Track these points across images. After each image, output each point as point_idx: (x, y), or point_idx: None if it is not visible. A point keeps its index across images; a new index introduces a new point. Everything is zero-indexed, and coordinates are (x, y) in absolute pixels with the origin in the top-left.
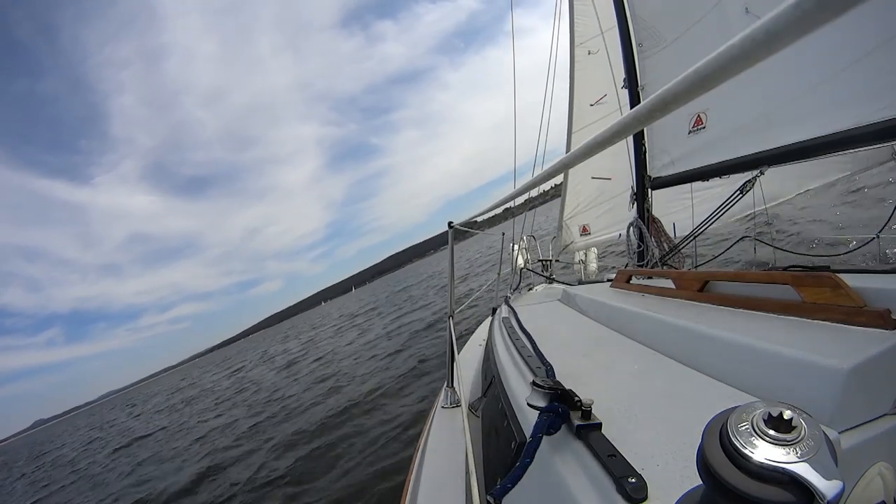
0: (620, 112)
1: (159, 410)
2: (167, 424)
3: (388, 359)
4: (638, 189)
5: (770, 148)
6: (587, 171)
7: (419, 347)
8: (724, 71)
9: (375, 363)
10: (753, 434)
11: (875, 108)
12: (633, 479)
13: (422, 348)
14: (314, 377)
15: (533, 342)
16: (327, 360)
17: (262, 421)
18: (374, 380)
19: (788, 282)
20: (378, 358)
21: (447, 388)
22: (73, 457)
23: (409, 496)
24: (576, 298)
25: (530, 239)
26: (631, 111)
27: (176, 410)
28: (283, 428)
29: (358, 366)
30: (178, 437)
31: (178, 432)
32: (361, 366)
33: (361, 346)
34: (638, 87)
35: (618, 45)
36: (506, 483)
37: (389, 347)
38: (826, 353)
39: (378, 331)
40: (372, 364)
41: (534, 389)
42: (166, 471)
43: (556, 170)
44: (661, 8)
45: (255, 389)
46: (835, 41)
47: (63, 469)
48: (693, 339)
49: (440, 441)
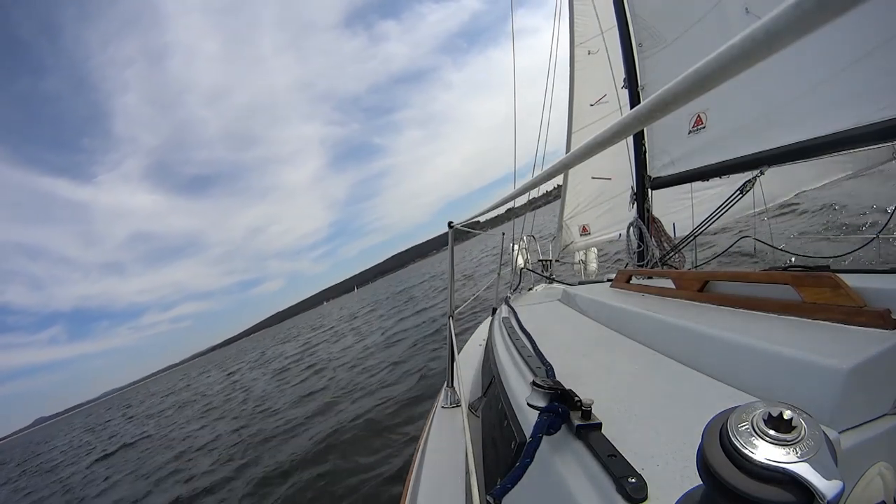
0: (620, 112)
1: (150, 415)
2: (153, 433)
3: (386, 372)
4: (638, 189)
5: (770, 148)
6: (587, 171)
7: (421, 360)
8: (724, 71)
9: (370, 378)
10: (753, 434)
11: (875, 108)
12: (633, 479)
13: (423, 360)
14: (303, 390)
15: (533, 342)
16: (321, 367)
17: (245, 440)
18: (365, 402)
19: (788, 282)
20: (373, 371)
21: (447, 388)
22: (59, 461)
23: (409, 496)
24: (576, 298)
25: (530, 239)
26: (631, 111)
27: (165, 416)
28: (264, 454)
29: (352, 378)
30: (160, 451)
31: (161, 445)
32: (355, 379)
33: (357, 356)
34: (638, 87)
35: (618, 45)
36: (506, 483)
37: (387, 357)
38: (826, 353)
39: (376, 337)
40: (367, 380)
41: (534, 389)
42: (138, 492)
43: (556, 170)
44: (661, 8)
45: (243, 399)
46: (835, 41)
47: (45, 477)
48: (693, 339)
49: (440, 441)
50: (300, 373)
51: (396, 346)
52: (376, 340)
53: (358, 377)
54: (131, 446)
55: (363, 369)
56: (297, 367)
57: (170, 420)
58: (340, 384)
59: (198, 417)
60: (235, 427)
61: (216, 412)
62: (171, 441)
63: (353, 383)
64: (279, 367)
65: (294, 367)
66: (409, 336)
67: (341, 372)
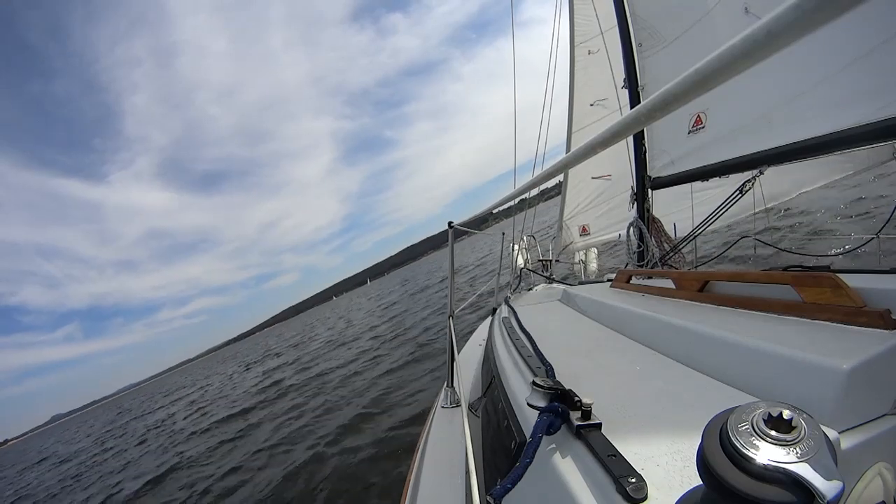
0: (620, 112)
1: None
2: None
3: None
4: (638, 189)
5: (770, 147)
6: (587, 171)
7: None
8: (724, 71)
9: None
10: (753, 434)
11: (875, 108)
12: (633, 479)
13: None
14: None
15: (533, 342)
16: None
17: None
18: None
19: (788, 282)
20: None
21: (447, 388)
22: (27, 483)
23: (409, 496)
24: (576, 298)
25: (530, 239)
26: (631, 111)
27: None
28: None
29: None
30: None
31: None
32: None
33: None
34: (638, 87)
35: (618, 44)
36: (506, 483)
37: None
38: (826, 353)
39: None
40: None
41: (534, 389)
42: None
43: (556, 170)
44: (661, 8)
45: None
46: (835, 41)
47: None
48: (693, 339)
49: (440, 441)
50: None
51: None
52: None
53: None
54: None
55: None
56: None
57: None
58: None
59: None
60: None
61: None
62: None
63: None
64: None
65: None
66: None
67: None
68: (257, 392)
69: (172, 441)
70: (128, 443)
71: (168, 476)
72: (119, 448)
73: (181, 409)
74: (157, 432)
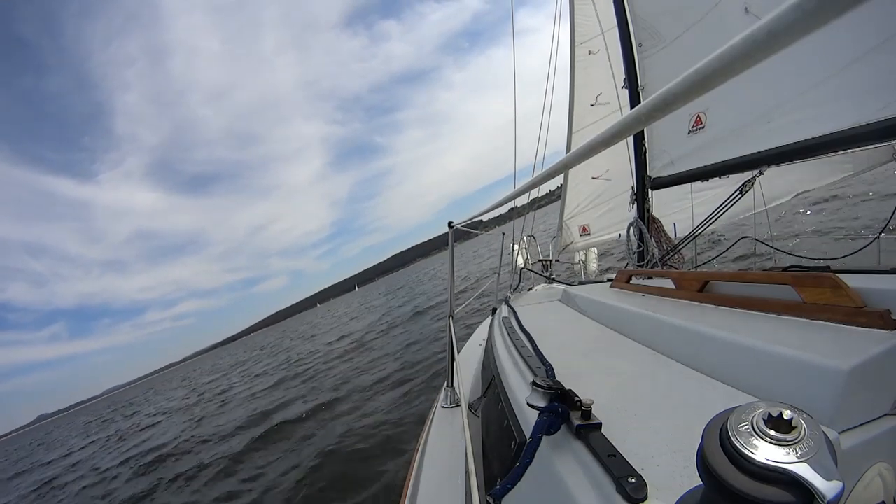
0: (620, 112)
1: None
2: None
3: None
4: (638, 189)
5: (770, 147)
6: (587, 171)
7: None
8: (724, 71)
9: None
10: (753, 434)
11: (875, 108)
12: (633, 479)
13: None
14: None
15: (533, 342)
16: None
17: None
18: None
19: (788, 282)
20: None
21: (447, 388)
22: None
23: (408, 496)
24: (576, 298)
25: (530, 239)
26: (631, 111)
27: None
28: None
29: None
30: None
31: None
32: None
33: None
34: (638, 87)
35: (618, 45)
36: (506, 483)
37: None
38: (826, 353)
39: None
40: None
41: (534, 389)
42: None
43: (556, 170)
44: (661, 8)
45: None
46: (835, 41)
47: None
48: (693, 339)
49: (440, 441)
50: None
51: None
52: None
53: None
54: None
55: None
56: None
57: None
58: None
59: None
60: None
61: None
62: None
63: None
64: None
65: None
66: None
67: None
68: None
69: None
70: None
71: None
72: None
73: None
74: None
